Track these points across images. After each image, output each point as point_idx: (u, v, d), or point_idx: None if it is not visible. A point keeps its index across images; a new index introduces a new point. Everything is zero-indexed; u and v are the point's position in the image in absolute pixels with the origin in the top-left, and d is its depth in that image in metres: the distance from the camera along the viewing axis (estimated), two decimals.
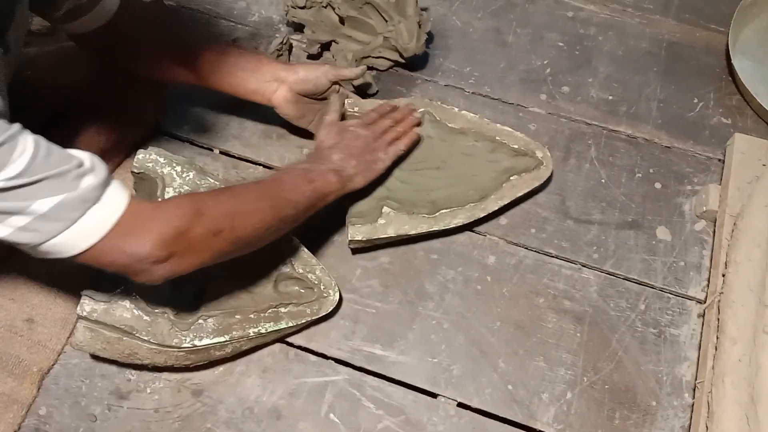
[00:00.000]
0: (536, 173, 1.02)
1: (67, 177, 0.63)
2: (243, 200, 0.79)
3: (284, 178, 0.86)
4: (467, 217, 0.99)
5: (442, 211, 0.99)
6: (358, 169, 0.93)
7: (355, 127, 0.97)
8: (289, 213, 0.83)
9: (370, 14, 1.11)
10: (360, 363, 0.95)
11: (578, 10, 1.25)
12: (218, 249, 0.75)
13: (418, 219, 0.98)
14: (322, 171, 0.89)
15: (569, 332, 0.97)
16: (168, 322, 0.84)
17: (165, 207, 0.72)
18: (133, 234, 0.67)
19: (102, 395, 0.93)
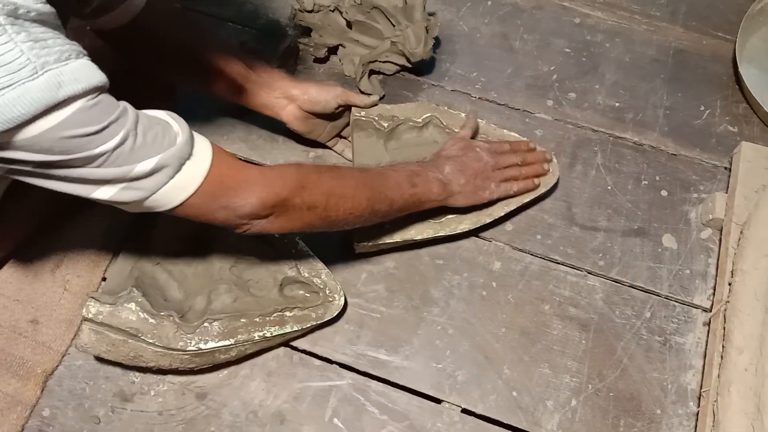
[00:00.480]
0: (543, 179, 1.02)
1: (163, 139, 0.66)
2: (344, 184, 0.82)
3: (390, 174, 0.88)
4: (473, 222, 0.99)
5: (448, 217, 0.98)
6: (463, 189, 0.94)
7: (481, 149, 0.97)
8: (382, 208, 0.86)
9: (378, 19, 1.11)
10: (364, 368, 0.95)
11: (585, 17, 1.25)
12: (308, 222, 0.79)
13: (424, 224, 0.97)
14: (428, 178, 0.91)
15: (574, 339, 0.97)
16: (173, 324, 0.84)
17: (271, 173, 0.76)
18: (237, 191, 0.72)
19: (106, 397, 0.93)
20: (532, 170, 1.01)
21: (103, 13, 0.87)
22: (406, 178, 0.89)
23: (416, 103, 1.07)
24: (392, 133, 1.04)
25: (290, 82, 0.98)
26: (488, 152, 0.98)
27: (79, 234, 1.02)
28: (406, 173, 0.89)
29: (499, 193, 0.97)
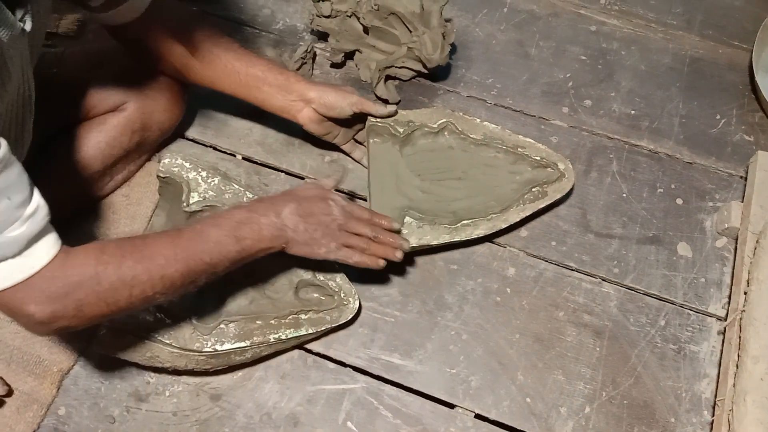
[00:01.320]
0: (558, 185, 1.02)
1: (1, 222, 0.62)
2: (150, 267, 0.73)
3: (209, 233, 0.78)
4: (488, 228, 0.99)
5: (464, 222, 0.98)
6: (302, 238, 0.84)
7: (335, 204, 0.87)
8: (202, 277, 0.78)
9: (395, 24, 1.12)
10: (378, 372, 0.95)
11: (601, 25, 1.25)
12: (108, 313, 0.73)
13: (439, 229, 0.97)
14: (259, 225, 0.81)
15: (588, 346, 0.97)
16: (190, 326, 0.85)
17: (66, 276, 0.69)
18: (22, 297, 0.67)
19: (121, 397, 0.94)
20: (380, 250, 0.89)
21: (112, 6, 0.87)
22: (230, 232, 0.78)
23: (432, 108, 1.07)
24: (408, 138, 1.04)
25: (306, 85, 0.98)
26: (341, 210, 0.87)
27: (94, 236, 1.03)
28: (229, 226, 0.79)
29: (337, 255, 0.87)
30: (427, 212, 0.99)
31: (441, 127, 1.05)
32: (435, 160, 1.03)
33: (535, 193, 1.01)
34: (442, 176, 1.03)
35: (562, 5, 1.27)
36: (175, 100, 1.05)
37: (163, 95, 1.03)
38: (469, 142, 1.05)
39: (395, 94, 1.14)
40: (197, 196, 0.91)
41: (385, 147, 1.04)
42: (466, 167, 1.04)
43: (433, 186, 1.02)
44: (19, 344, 0.97)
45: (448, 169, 1.03)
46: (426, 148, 1.06)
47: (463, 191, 1.02)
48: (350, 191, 1.09)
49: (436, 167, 1.03)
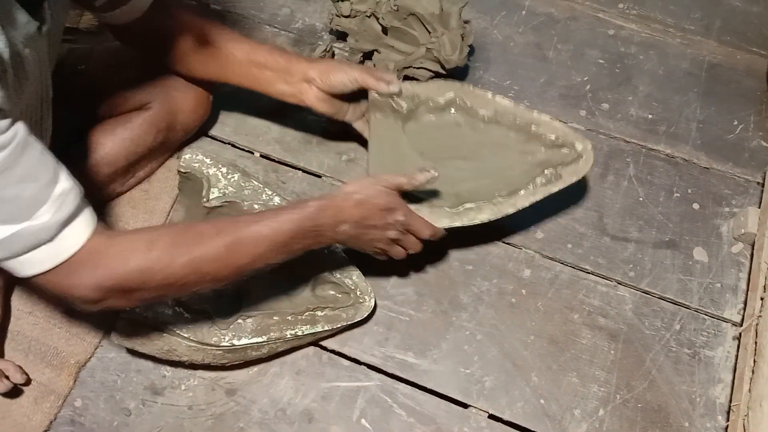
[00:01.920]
0: (574, 167, 0.93)
1: (21, 207, 0.63)
2: (205, 256, 0.72)
3: (268, 238, 0.76)
4: (493, 213, 0.90)
5: (467, 205, 0.90)
6: (348, 243, 0.86)
7: (398, 218, 0.85)
8: (245, 273, 0.77)
9: (414, 25, 1.12)
10: (392, 370, 0.96)
11: (620, 29, 1.25)
12: (156, 298, 0.75)
13: (439, 212, 0.90)
14: (314, 241, 0.80)
15: (603, 349, 0.97)
16: (208, 320, 0.85)
17: (119, 256, 0.70)
18: (76, 275, 0.68)
19: (137, 390, 0.94)
20: (412, 244, 0.89)
21: (115, 6, 0.87)
22: (288, 240, 0.78)
23: (440, 81, 1.00)
24: (411, 114, 0.98)
25: (308, 65, 0.95)
26: (401, 225, 0.86)
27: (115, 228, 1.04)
28: (289, 235, 0.77)
29: (368, 249, 0.88)
30: (428, 194, 0.92)
31: (448, 102, 0.98)
32: (440, 137, 0.96)
33: (547, 175, 0.92)
34: (447, 155, 0.96)
35: (581, 9, 1.27)
36: (200, 102, 1.06)
37: (190, 96, 1.04)
38: (478, 119, 0.98)
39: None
40: (217, 192, 0.92)
41: (387, 123, 0.97)
42: (473, 146, 0.96)
43: (437, 166, 0.90)
44: (37, 335, 0.98)
45: (453, 147, 0.97)
46: (430, 124, 0.99)
47: (469, 172, 0.95)
48: None
49: (441, 145, 0.97)
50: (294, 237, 0.77)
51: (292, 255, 0.79)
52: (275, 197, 0.94)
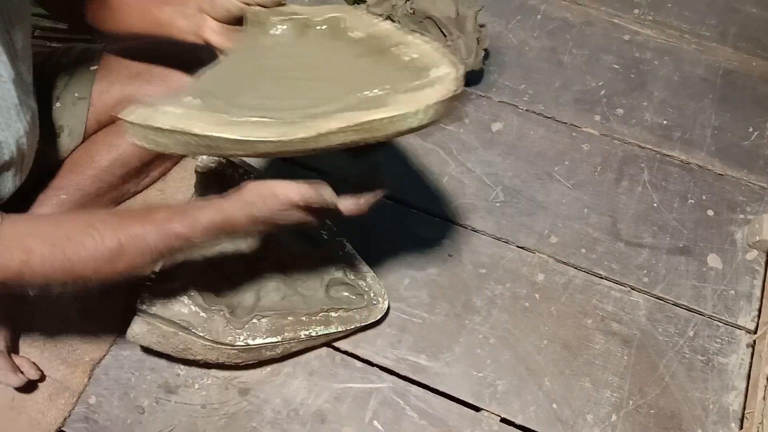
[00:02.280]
0: (420, 94, 0.67)
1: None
2: (90, 266, 0.69)
3: (171, 246, 0.71)
4: (285, 133, 0.67)
5: (257, 119, 0.70)
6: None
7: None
8: (136, 271, 0.73)
9: (430, 29, 1.13)
10: (405, 372, 0.96)
11: (635, 34, 1.25)
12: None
13: (215, 118, 0.69)
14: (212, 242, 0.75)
15: (616, 354, 0.97)
16: (223, 319, 0.86)
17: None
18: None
19: (151, 388, 0.95)
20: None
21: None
22: (172, 248, 0.72)
23: (332, 6, 0.83)
24: (272, 30, 0.81)
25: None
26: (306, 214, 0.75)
27: None
28: (173, 247, 0.72)
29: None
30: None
31: (324, 22, 0.82)
32: (293, 57, 0.82)
33: (373, 98, 0.70)
34: (292, 76, 0.80)
35: (596, 14, 1.27)
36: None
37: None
38: (345, 40, 0.81)
39: None
40: None
41: (250, 38, 0.82)
42: (321, 67, 0.79)
43: (277, 87, 0.76)
44: (52, 332, 0.99)
45: (302, 68, 0.80)
46: (289, 42, 0.83)
47: (306, 97, 0.75)
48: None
49: (289, 65, 0.80)
50: (178, 248, 0.73)
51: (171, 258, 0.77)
52: None
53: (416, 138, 1.14)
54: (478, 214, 1.07)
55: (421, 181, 1.10)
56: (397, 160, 1.12)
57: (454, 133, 1.14)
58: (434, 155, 1.12)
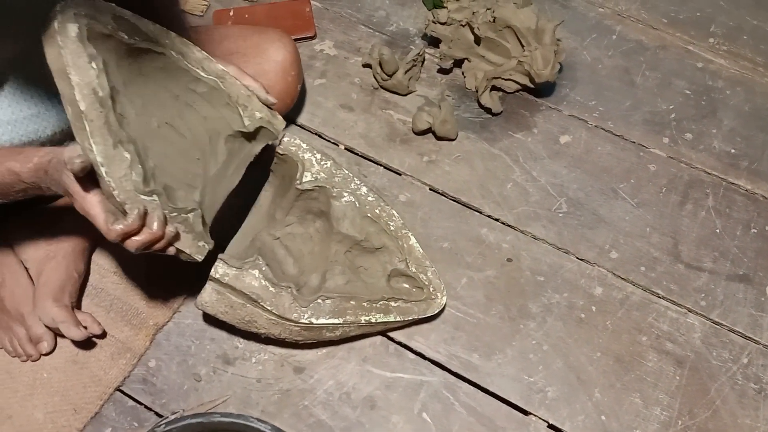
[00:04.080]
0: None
1: None
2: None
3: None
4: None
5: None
6: None
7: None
8: None
9: (508, 38, 1.15)
10: (456, 369, 0.97)
11: (708, 62, 1.26)
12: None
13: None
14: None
15: (668, 374, 0.97)
16: (290, 296, 0.88)
17: None
18: None
19: (209, 357, 0.98)
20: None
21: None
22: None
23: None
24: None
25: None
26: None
27: None
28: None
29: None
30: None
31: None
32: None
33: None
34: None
35: (671, 39, 1.28)
36: (288, 91, 1.09)
37: (279, 85, 1.07)
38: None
39: (498, 104, 1.17)
40: (310, 176, 0.95)
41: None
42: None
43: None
44: (120, 295, 1.02)
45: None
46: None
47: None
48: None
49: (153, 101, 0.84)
50: (10, 183, 0.76)
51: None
52: (363, 187, 0.97)
53: (483, 142, 1.16)
54: (540, 223, 1.08)
55: (485, 184, 1.12)
56: (462, 162, 1.14)
57: (521, 141, 1.16)
58: (500, 161, 1.14)
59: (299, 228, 0.99)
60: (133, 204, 0.72)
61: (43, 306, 0.95)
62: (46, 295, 0.95)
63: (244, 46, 1.06)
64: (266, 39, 1.08)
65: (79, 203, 0.73)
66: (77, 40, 0.69)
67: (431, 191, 1.12)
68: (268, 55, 1.06)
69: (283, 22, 1.23)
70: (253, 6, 1.30)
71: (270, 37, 1.08)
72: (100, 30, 0.73)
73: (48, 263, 0.98)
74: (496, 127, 1.17)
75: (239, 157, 0.90)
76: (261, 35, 1.08)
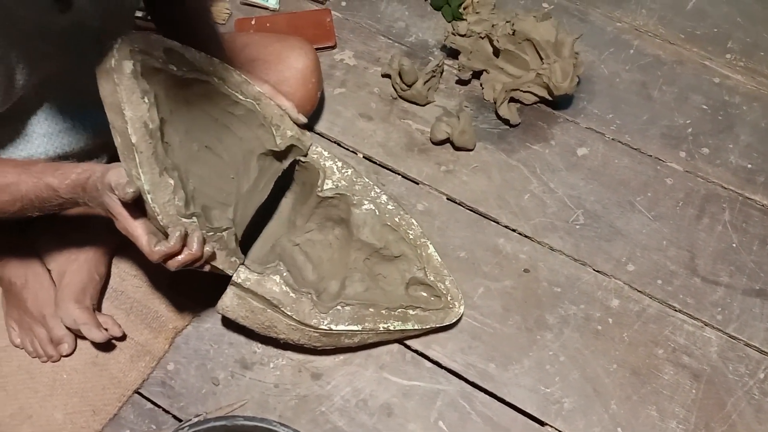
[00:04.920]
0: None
1: None
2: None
3: (43, 196, 0.76)
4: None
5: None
6: None
7: None
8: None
9: (527, 50, 1.16)
10: (473, 378, 0.98)
11: (725, 78, 1.27)
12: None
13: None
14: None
15: (685, 387, 0.97)
16: (310, 302, 0.89)
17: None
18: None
19: (227, 362, 0.99)
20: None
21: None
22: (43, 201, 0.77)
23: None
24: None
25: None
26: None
27: None
28: (45, 198, 0.77)
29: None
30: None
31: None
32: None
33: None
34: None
35: (688, 54, 1.29)
36: (309, 98, 1.10)
37: (299, 92, 1.08)
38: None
39: (516, 116, 1.18)
40: (331, 184, 0.96)
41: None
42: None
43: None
44: (140, 298, 1.03)
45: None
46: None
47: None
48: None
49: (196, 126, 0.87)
50: (47, 198, 0.77)
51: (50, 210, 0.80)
52: (383, 195, 0.98)
53: (500, 153, 1.17)
54: (557, 234, 1.09)
55: (502, 195, 1.13)
56: (479, 173, 1.15)
57: (539, 153, 1.17)
58: (517, 172, 1.15)
59: (319, 235, 1.00)
60: (175, 227, 0.75)
61: (65, 308, 0.96)
62: (68, 297, 0.96)
63: (265, 53, 1.07)
64: (287, 46, 1.09)
65: (121, 224, 0.76)
66: (132, 76, 0.72)
67: (448, 201, 1.13)
68: (289, 63, 1.07)
69: (305, 31, 1.24)
70: (275, 15, 1.31)
71: (291, 45, 1.09)
72: (153, 64, 0.77)
73: (70, 266, 0.99)
74: (513, 139, 1.18)
75: (269, 173, 0.93)
76: (282, 43, 1.09)
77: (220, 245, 0.82)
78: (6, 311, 1.02)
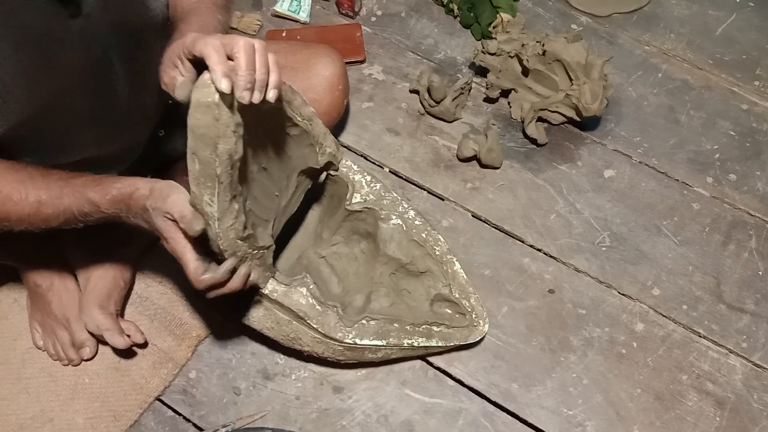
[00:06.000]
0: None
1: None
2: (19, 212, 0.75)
3: (85, 210, 0.76)
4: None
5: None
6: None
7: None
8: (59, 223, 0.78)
9: (557, 71, 1.16)
10: (495, 398, 0.97)
11: (753, 105, 1.26)
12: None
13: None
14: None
15: (709, 415, 0.96)
16: (336, 315, 0.89)
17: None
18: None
19: (249, 372, 0.98)
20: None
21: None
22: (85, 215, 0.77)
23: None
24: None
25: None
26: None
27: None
28: (86, 212, 0.77)
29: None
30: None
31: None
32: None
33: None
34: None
35: (716, 80, 1.29)
36: (334, 105, 1.10)
37: (325, 100, 1.09)
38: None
39: (544, 135, 1.18)
40: (359, 197, 0.96)
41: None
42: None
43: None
44: (164, 305, 1.04)
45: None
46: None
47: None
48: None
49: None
50: (89, 212, 0.77)
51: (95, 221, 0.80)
52: (410, 210, 0.98)
53: (527, 172, 1.17)
54: (582, 255, 1.08)
55: (528, 214, 1.13)
56: (505, 191, 1.15)
57: (565, 173, 1.16)
58: (543, 191, 1.15)
59: (345, 248, 1.00)
60: (232, 250, 0.75)
61: (89, 312, 0.96)
62: (92, 302, 0.97)
63: (293, 60, 1.07)
64: (315, 54, 1.09)
65: (171, 246, 0.75)
66: (231, 112, 0.70)
67: (474, 218, 1.13)
68: (316, 70, 1.07)
69: (334, 45, 1.24)
70: (306, 28, 1.32)
71: (318, 52, 1.09)
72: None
73: (96, 271, 1.00)
74: (540, 158, 1.18)
75: (303, 186, 0.93)
76: (310, 50, 1.10)
77: (260, 262, 0.82)
78: (30, 313, 1.02)
